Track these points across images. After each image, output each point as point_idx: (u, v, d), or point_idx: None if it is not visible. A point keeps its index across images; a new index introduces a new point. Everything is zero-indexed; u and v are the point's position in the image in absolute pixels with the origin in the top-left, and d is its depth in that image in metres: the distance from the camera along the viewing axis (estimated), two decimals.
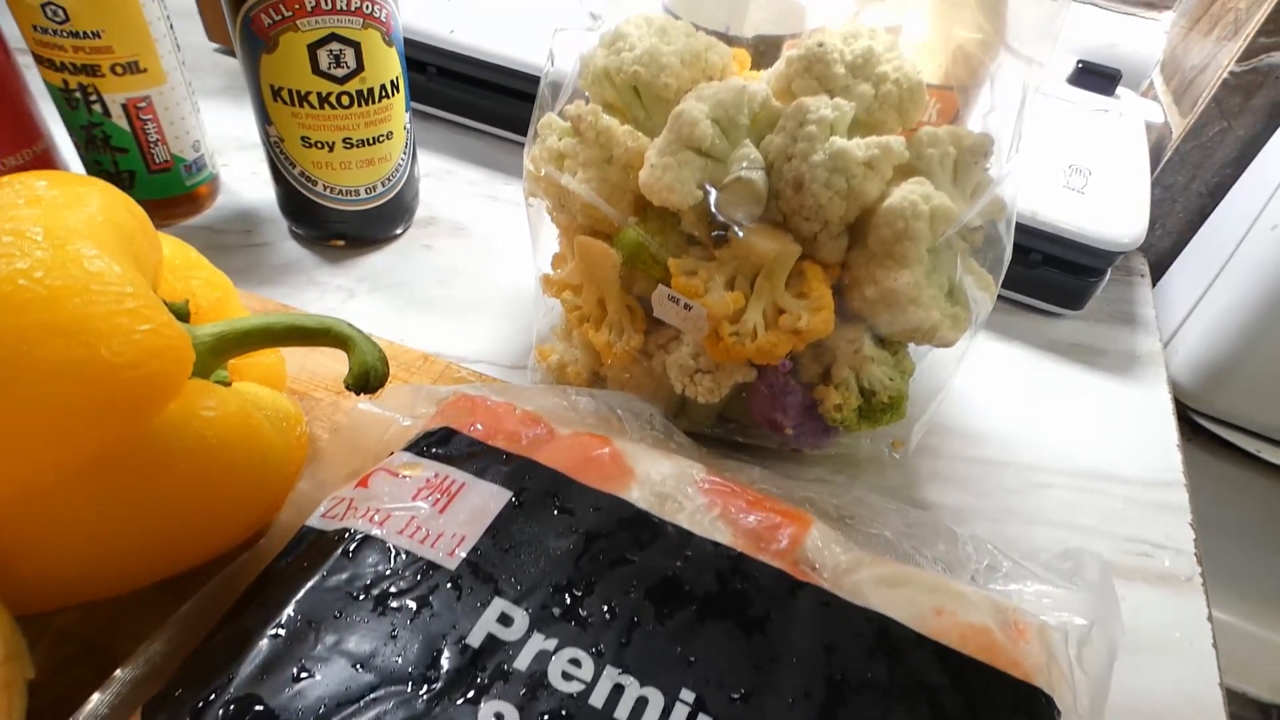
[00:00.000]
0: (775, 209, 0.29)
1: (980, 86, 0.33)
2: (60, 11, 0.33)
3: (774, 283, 0.29)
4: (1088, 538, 0.35)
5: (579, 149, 0.31)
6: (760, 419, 0.32)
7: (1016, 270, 0.46)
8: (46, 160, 0.39)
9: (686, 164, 0.28)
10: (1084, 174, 0.45)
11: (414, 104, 0.49)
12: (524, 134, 0.52)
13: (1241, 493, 0.49)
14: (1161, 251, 0.54)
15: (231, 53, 0.56)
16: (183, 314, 0.24)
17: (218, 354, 0.24)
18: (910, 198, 0.27)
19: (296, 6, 0.34)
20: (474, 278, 0.42)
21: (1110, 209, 0.43)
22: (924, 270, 0.28)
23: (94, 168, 0.39)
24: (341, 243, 0.43)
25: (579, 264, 0.32)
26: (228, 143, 0.48)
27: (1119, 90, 0.52)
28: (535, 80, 0.49)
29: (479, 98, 0.52)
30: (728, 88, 0.29)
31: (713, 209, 0.29)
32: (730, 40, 0.36)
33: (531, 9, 0.51)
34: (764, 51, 0.36)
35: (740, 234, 0.28)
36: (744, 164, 0.29)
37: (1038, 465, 0.38)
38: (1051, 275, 0.45)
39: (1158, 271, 0.54)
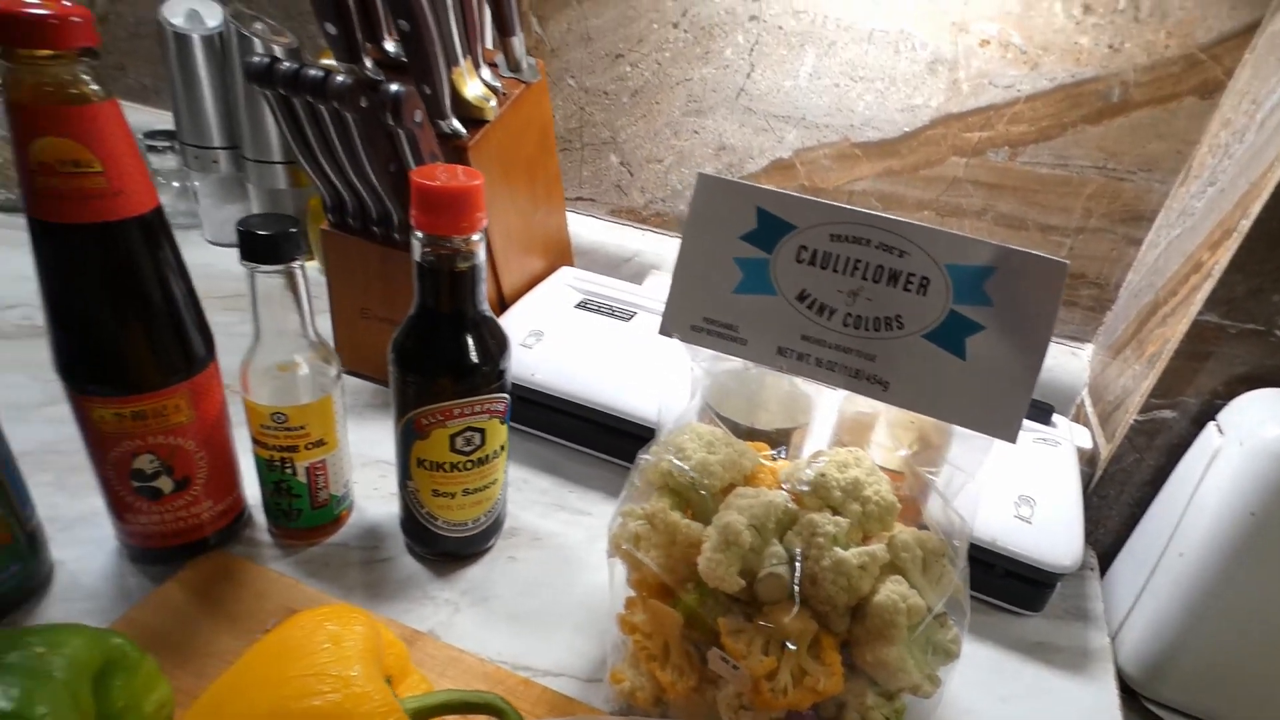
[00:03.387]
0: (798, 591, 0.40)
1: (937, 476, 0.45)
2: (283, 416, 0.47)
3: (799, 650, 0.39)
4: None
5: (651, 533, 0.43)
6: None
7: (987, 580, 0.57)
8: (239, 502, 0.52)
9: (732, 560, 0.40)
10: (1030, 504, 0.57)
11: None
12: (587, 447, 0.66)
13: None
14: (1107, 545, 0.65)
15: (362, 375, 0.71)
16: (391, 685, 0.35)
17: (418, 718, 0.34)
18: (892, 597, 0.38)
19: (446, 413, 0.47)
20: (554, 590, 0.53)
21: (1053, 537, 0.55)
22: (905, 645, 0.39)
23: (272, 506, 0.52)
24: (447, 558, 0.54)
25: (649, 618, 0.43)
26: (356, 459, 0.61)
27: (1055, 418, 0.66)
28: (598, 411, 0.63)
29: (553, 419, 0.66)
30: (760, 502, 0.41)
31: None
32: (753, 432, 0.49)
33: (598, 359, 0.66)
34: (778, 439, 0.50)
35: (774, 612, 0.40)
36: (774, 560, 0.40)
37: None
38: (1013, 584, 0.56)
39: (1106, 561, 0.65)
